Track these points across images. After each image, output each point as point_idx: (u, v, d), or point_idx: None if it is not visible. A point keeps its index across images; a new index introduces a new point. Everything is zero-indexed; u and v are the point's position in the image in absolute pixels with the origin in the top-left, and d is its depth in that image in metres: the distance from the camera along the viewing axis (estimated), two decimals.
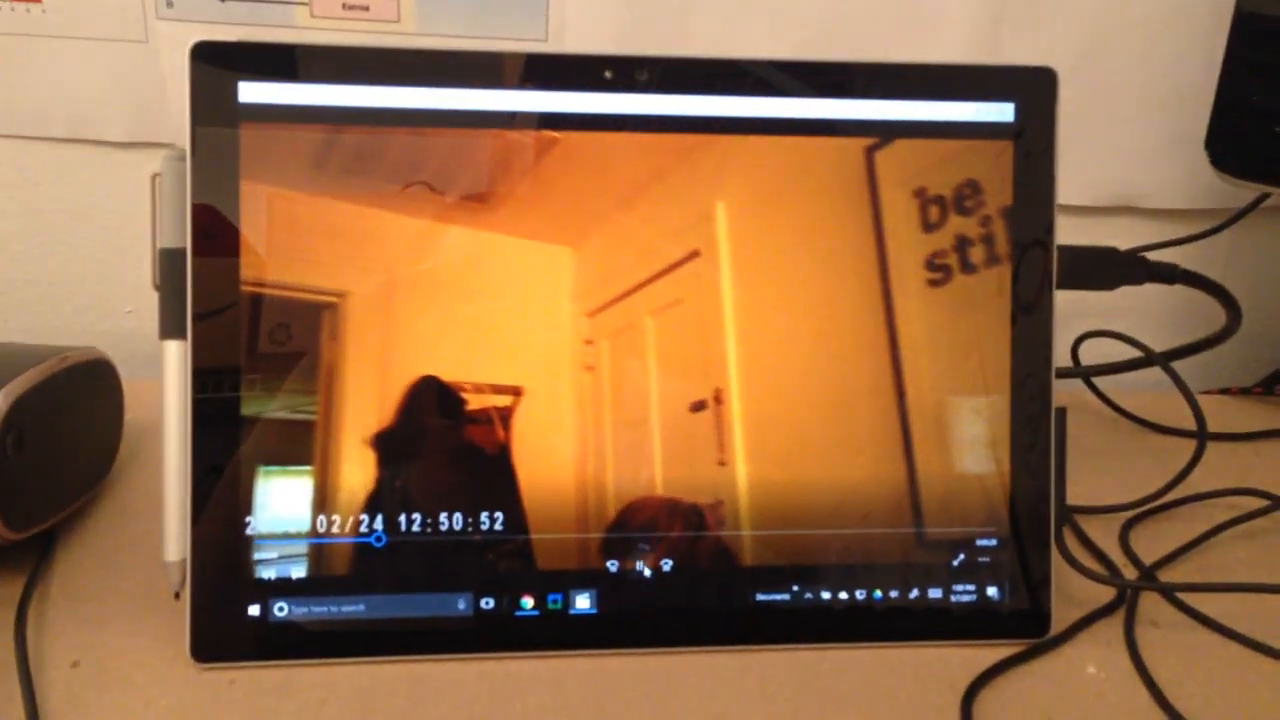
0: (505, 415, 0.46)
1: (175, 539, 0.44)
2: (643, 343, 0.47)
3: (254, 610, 0.44)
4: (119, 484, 0.57)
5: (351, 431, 0.45)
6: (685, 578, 0.47)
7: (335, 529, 0.45)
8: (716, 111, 0.47)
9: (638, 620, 0.46)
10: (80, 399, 0.52)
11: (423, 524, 0.45)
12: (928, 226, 0.48)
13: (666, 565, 0.47)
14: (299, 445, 0.45)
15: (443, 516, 0.46)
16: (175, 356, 0.44)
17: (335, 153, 0.45)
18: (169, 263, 0.44)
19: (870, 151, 0.48)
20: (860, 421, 0.48)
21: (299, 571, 0.45)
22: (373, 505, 0.45)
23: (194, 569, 0.44)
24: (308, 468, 0.45)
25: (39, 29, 0.68)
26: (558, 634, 0.46)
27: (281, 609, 0.45)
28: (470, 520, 0.46)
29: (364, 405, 0.45)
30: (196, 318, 0.44)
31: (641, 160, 0.47)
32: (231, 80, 0.44)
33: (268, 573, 0.45)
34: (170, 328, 0.44)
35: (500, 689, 0.44)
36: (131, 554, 0.51)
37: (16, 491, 0.47)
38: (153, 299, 0.45)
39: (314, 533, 0.45)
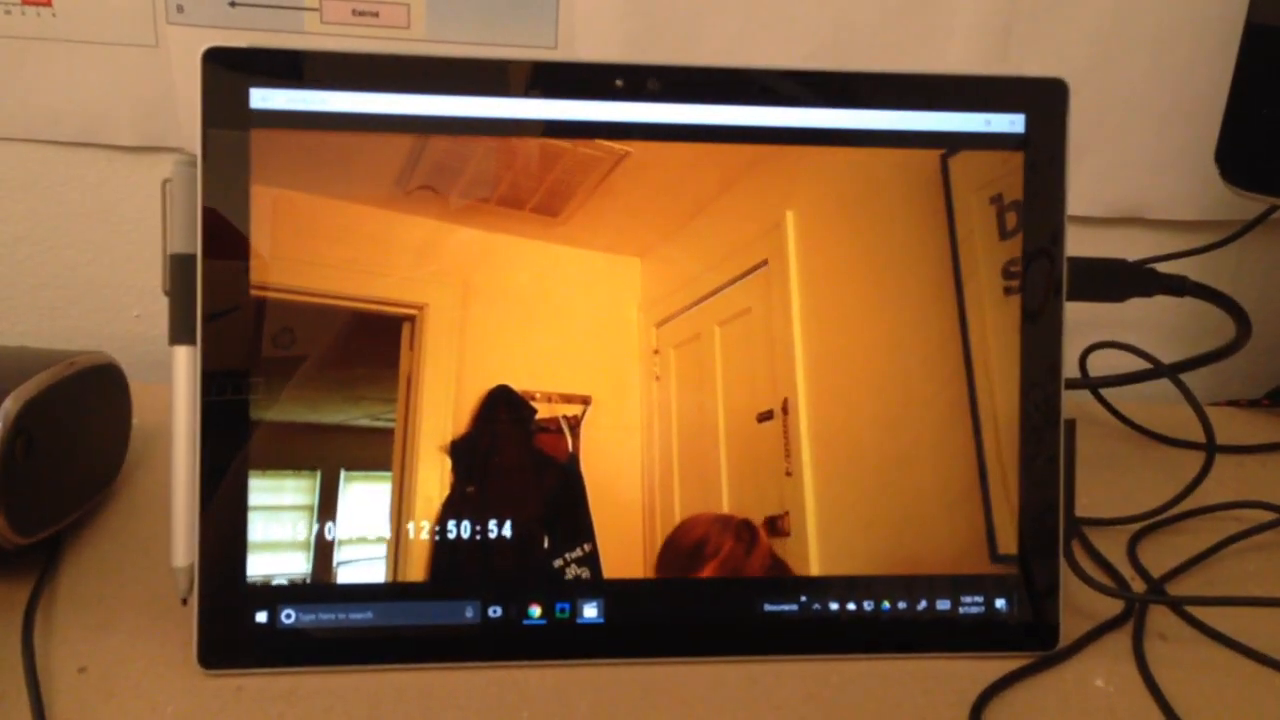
0: (574, 424, 0.46)
1: (184, 544, 0.44)
2: (710, 352, 0.47)
3: (261, 617, 0.44)
4: (126, 488, 0.57)
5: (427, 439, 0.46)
6: (694, 588, 0.47)
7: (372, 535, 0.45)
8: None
9: (644, 630, 0.46)
10: (88, 403, 0.52)
11: (473, 532, 0.46)
12: (1004, 233, 0.48)
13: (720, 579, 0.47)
14: (376, 451, 0.45)
15: (492, 524, 0.46)
16: (185, 362, 0.44)
17: (356, 156, 0.45)
18: (179, 268, 0.44)
19: (944, 159, 0.47)
20: (930, 433, 0.47)
21: (307, 577, 0.45)
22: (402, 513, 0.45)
23: (202, 574, 0.44)
24: (386, 473, 0.45)
25: (49, 33, 0.68)
26: (565, 643, 0.46)
27: (289, 615, 0.45)
28: (533, 528, 0.46)
29: (440, 414, 0.45)
30: (206, 322, 0.44)
31: (710, 171, 0.47)
32: (243, 85, 0.44)
33: (276, 579, 0.45)
34: (180, 333, 0.44)
35: (507, 697, 0.44)
36: (139, 559, 0.51)
37: (24, 496, 0.47)
38: (161, 303, 0.45)
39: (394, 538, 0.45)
